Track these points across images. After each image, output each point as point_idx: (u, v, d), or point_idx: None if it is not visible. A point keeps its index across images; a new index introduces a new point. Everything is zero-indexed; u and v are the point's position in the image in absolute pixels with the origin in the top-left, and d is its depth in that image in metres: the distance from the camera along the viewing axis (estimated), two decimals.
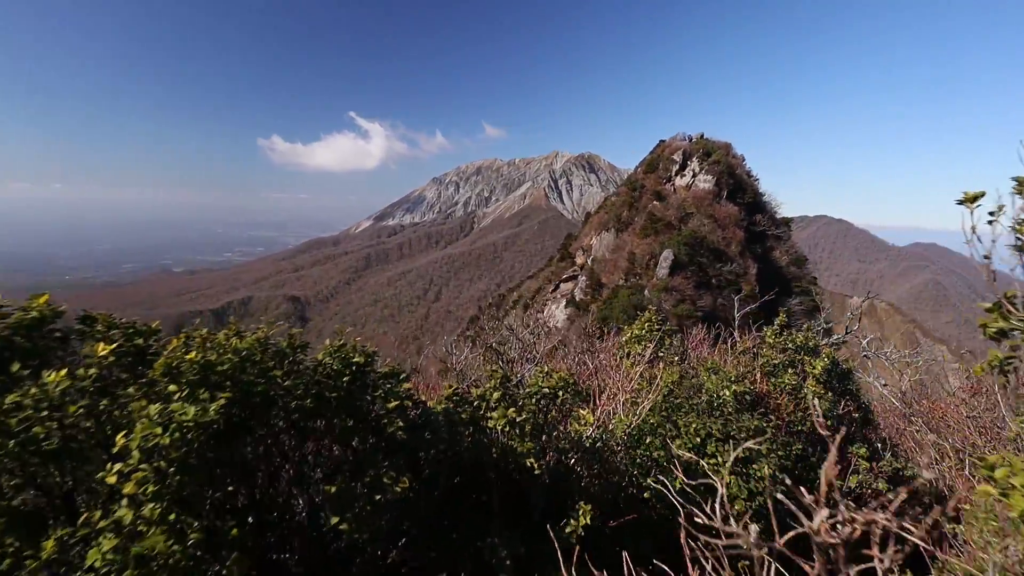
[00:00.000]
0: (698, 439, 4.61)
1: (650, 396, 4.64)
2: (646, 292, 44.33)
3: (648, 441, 4.73)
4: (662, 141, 74.20)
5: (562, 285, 60.09)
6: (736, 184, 59.63)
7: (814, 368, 6.75)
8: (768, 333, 7.58)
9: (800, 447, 5.25)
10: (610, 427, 4.60)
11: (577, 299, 53.06)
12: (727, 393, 5.33)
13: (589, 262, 58.42)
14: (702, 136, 69.22)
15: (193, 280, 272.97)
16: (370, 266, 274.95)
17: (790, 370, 6.72)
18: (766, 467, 4.46)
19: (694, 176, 60.22)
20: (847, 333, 8.55)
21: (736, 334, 9.67)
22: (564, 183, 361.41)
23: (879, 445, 6.89)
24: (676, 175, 62.40)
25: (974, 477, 8.38)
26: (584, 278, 54.99)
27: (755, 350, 7.12)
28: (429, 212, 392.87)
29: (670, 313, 39.72)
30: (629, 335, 7.93)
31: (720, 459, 4.41)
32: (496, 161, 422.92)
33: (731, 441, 4.53)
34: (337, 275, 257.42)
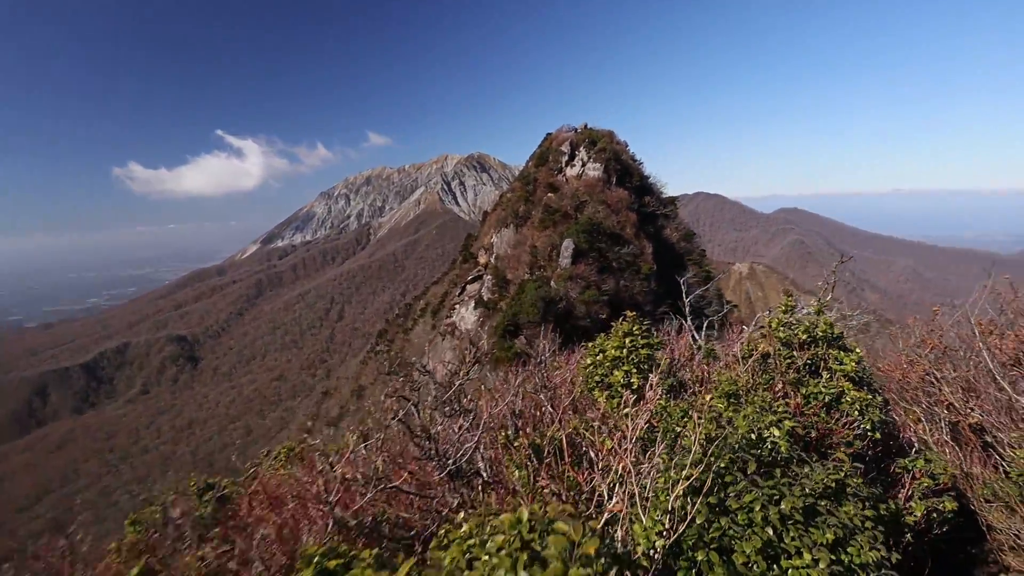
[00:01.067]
0: (770, 530, 2.79)
1: (682, 471, 2.63)
2: (552, 283, 43.98)
3: (700, 559, 2.70)
4: (549, 134, 74.90)
5: (468, 287, 58.48)
6: (623, 169, 61.37)
7: (842, 365, 4.92)
8: (774, 323, 5.39)
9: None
10: (623, 541, 2.53)
11: (485, 299, 51.77)
12: (777, 433, 3.50)
13: (492, 260, 57.33)
14: (586, 126, 70.58)
15: (53, 334, 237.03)
16: (263, 292, 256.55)
17: (824, 374, 4.90)
18: (866, 547, 2.80)
19: (583, 165, 61.11)
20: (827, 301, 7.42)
21: (688, 324, 8.17)
22: (457, 185, 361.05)
23: (914, 444, 5.50)
24: (566, 166, 63.04)
25: (968, 447, 7.56)
26: (489, 277, 53.83)
27: (755, 348, 5.27)
28: (321, 228, 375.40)
29: (577, 300, 39.77)
30: (595, 356, 5.77)
31: (808, 557, 2.62)
32: (385, 169, 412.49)
33: (818, 519, 2.76)
34: (227, 307, 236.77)
